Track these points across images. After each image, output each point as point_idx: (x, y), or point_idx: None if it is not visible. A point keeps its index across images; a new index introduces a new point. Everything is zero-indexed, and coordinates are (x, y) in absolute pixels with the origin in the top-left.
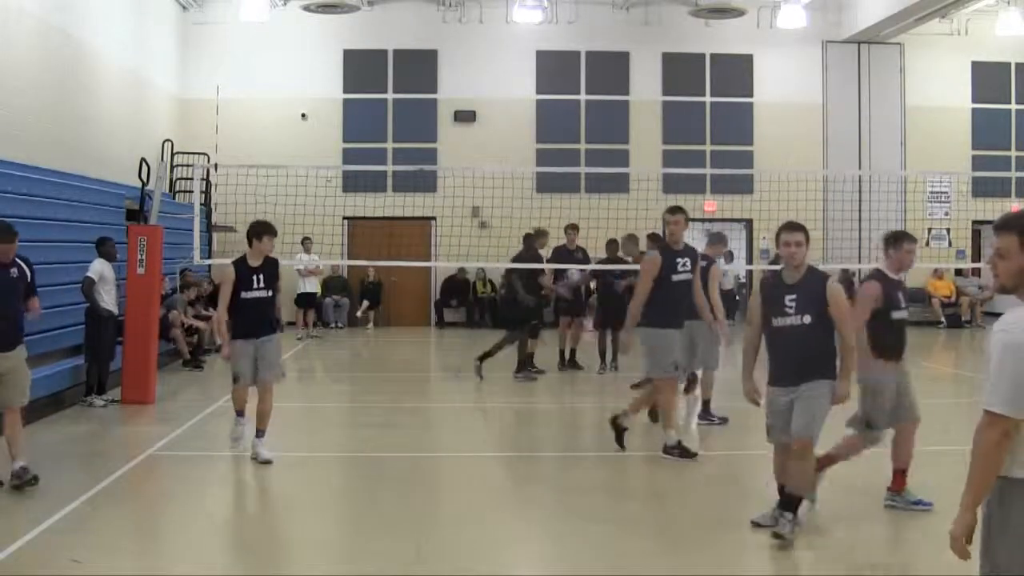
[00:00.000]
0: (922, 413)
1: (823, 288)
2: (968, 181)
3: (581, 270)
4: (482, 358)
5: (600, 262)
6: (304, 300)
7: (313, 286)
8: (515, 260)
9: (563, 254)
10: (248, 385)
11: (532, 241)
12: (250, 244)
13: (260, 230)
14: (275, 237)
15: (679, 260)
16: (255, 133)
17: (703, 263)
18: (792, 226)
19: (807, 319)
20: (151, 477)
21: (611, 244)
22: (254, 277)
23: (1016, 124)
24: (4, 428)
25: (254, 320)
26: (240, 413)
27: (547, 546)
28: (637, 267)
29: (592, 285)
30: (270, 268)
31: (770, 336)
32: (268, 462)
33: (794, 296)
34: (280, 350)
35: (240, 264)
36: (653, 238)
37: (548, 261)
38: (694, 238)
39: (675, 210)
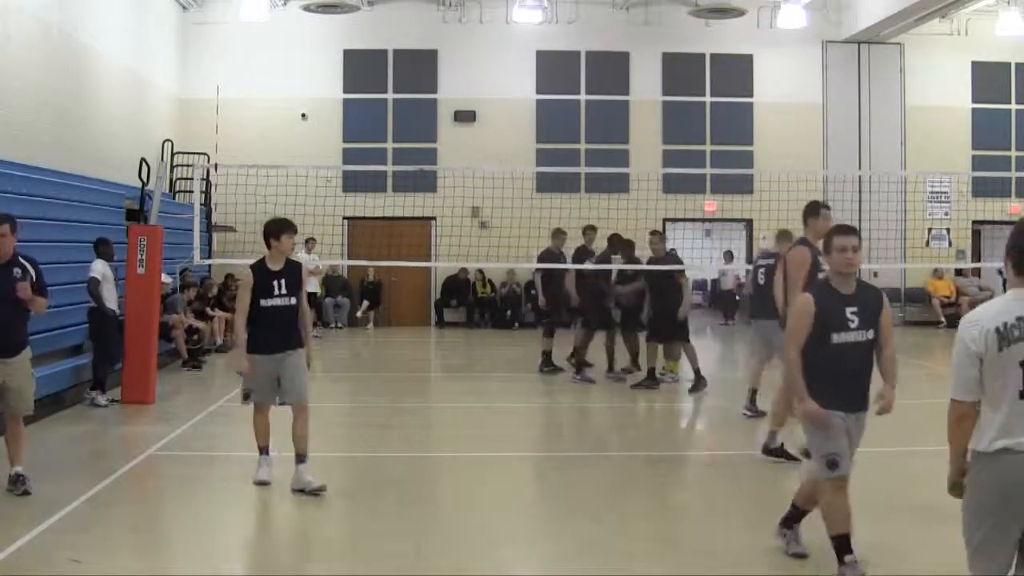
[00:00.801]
0: (925, 413)
1: (880, 299)
2: (968, 181)
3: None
4: (611, 367)
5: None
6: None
7: (313, 286)
8: (604, 260)
9: (586, 255)
10: (266, 406)
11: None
12: (268, 245)
13: (278, 229)
14: (295, 234)
15: (820, 259)
16: (255, 133)
17: (771, 260)
18: (847, 230)
19: (871, 334)
20: (151, 477)
21: (628, 244)
22: (275, 283)
23: (1016, 124)
24: (5, 429)
25: (275, 331)
26: (264, 450)
27: (547, 546)
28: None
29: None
30: (293, 273)
31: (829, 353)
32: (320, 490)
33: (855, 308)
34: (304, 365)
35: (259, 268)
36: (656, 235)
37: (573, 262)
38: (693, 237)
39: (824, 207)
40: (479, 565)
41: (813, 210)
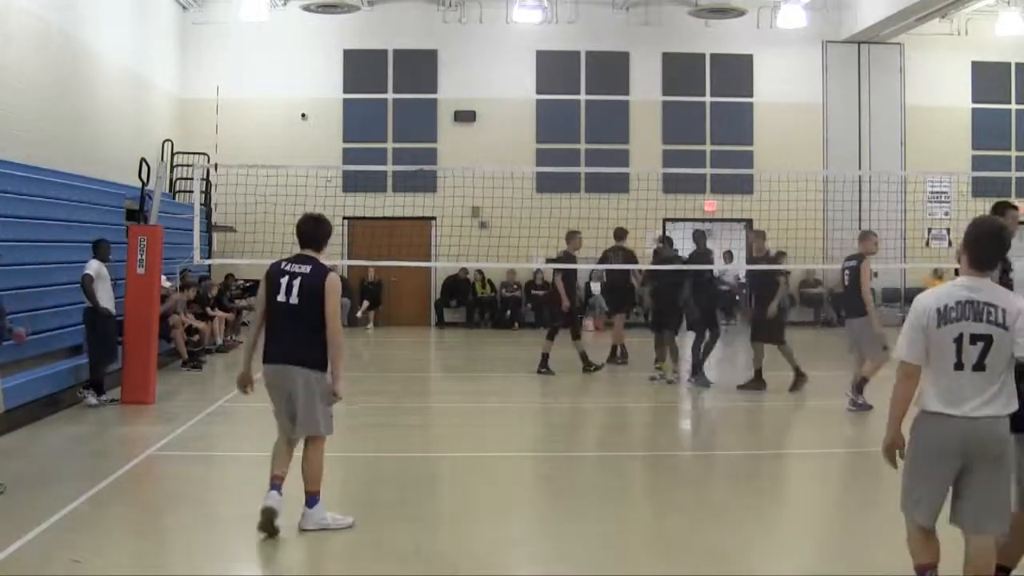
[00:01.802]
0: None
1: None
2: (968, 181)
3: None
4: (695, 370)
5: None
6: None
7: None
8: (697, 260)
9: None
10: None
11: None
12: (320, 248)
13: (329, 230)
14: None
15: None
16: (255, 133)
17: (854, 261)
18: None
19: None
20: (151, 477)
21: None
22: None
23: (1016, 124)
24: None
25: None
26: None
27: (547, 546)
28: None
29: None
30: None
31: None
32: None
33: None
34: None
35: None
36: (758, 234)
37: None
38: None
39: (1010, 207)
40: (479, 565)
41: (1001, 211)
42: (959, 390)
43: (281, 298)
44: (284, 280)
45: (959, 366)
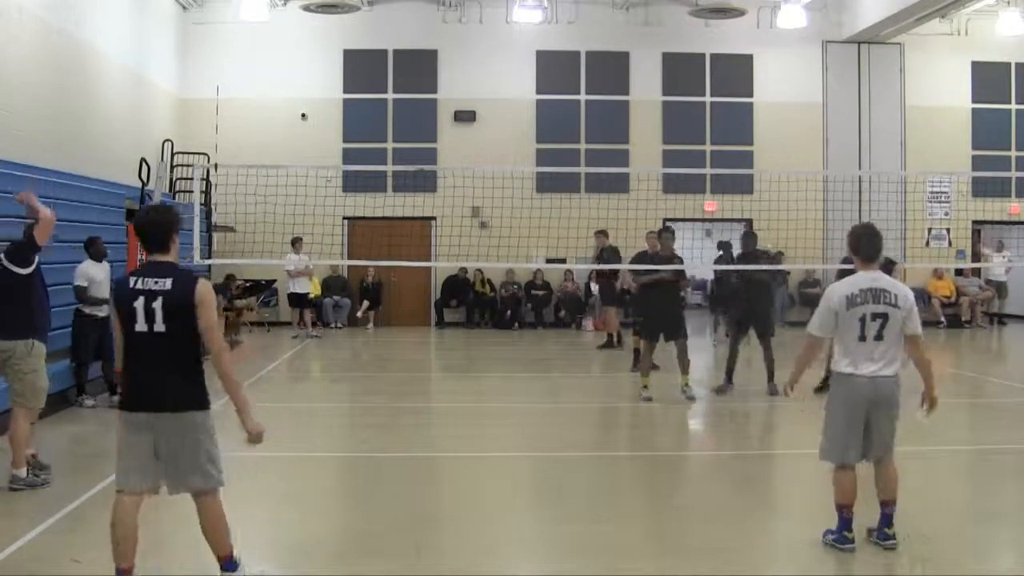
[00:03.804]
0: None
1: None
2: (968, 181)
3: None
4: (771, 377)
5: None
6: (295, 300)
7: (305, 286)
8: (749, 260)
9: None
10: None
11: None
12: (171, 248)
13: (177, 221)
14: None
15: None
16: (255, 133)
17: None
18: None
19: None
20: None
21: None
22: None
23: (1016, 124)
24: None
25: None
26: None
27: (547, 546)
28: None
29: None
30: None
31: None
32: None
33: None
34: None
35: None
36: (750, 237)
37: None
38: (693, 237)
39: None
40: (479, 565)
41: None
42: (861, 356)
43: (141, 327)
44: (139, 303)
45: (862, 338)
